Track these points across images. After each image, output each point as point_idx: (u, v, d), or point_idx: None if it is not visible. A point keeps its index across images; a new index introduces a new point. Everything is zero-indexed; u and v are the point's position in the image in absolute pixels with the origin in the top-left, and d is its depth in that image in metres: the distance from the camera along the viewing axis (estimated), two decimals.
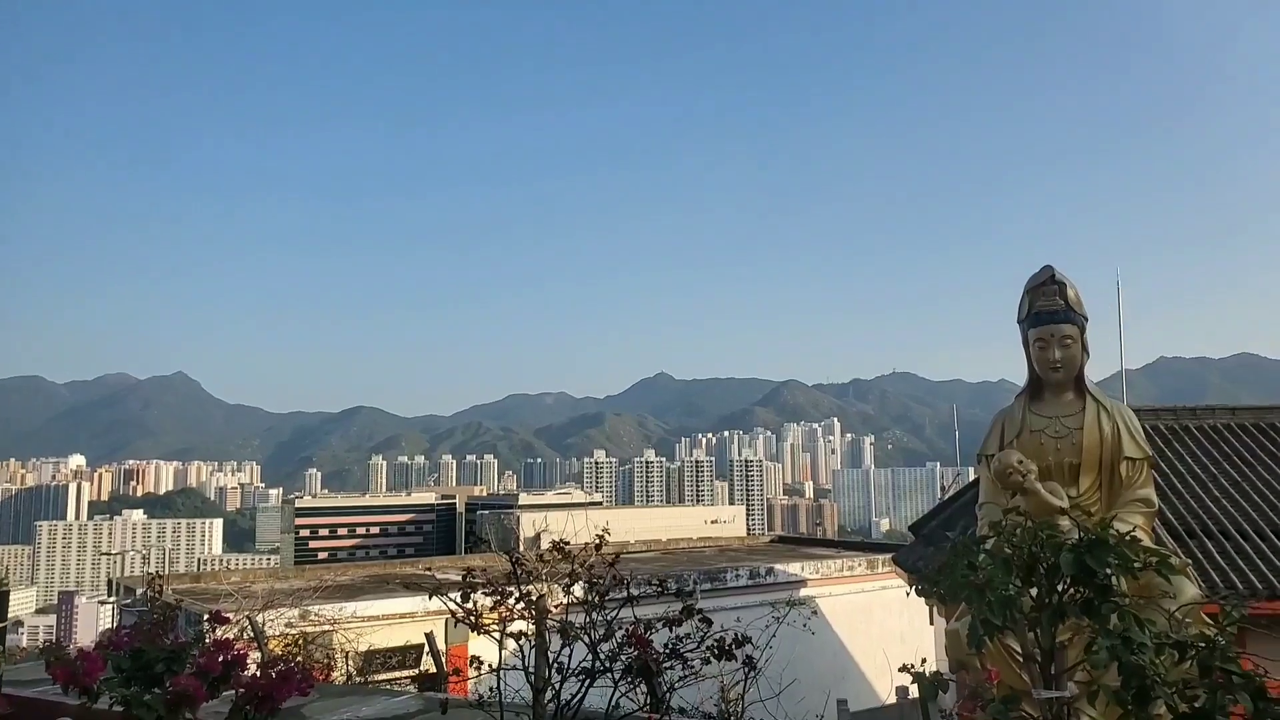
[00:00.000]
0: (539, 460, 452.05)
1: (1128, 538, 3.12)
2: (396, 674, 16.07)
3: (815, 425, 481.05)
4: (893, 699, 18.56)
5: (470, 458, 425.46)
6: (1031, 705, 3.16)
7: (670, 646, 3.89)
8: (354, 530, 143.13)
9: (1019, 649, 4.27)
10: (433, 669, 15.00)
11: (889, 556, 23.63)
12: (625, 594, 4.00)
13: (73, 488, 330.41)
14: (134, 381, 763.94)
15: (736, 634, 4.11)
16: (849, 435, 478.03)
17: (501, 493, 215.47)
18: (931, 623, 17.98)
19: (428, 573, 25.87)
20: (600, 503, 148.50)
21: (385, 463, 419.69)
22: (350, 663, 14.68)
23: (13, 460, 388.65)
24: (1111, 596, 2.97)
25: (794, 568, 26.67)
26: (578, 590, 4.08)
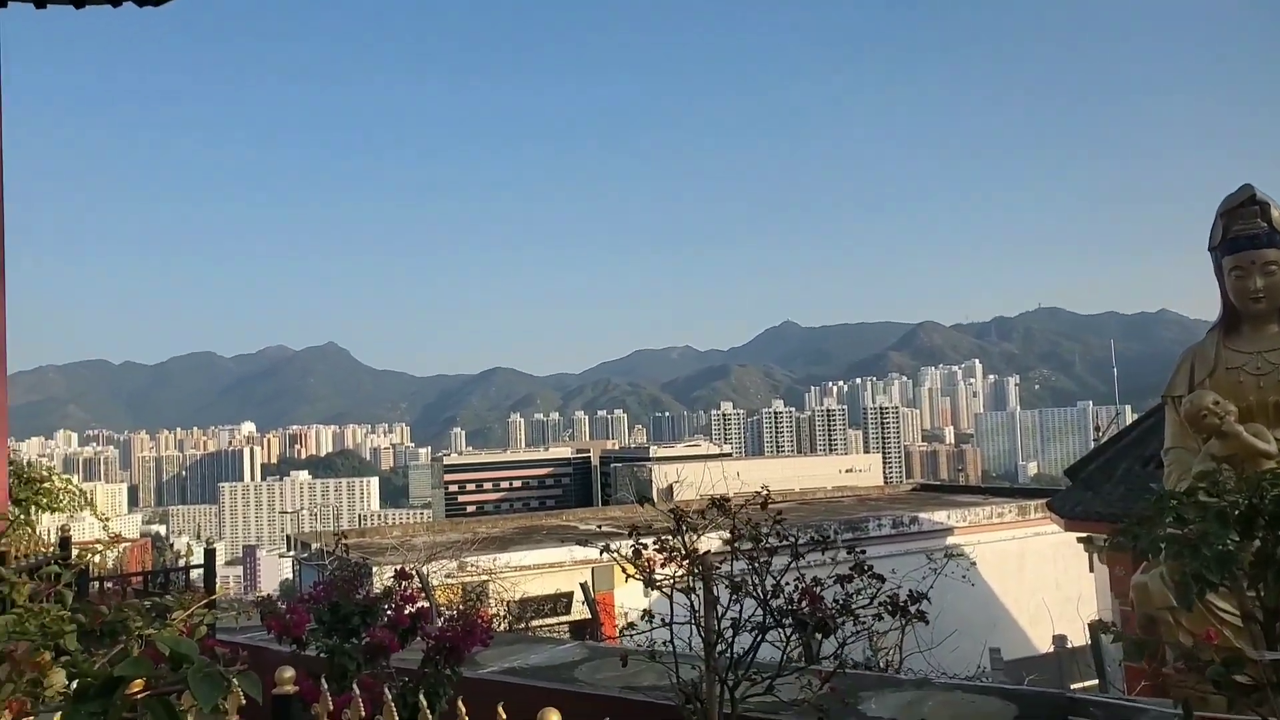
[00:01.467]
0: (667, 414, 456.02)
1: None
2: (551, 620, 16.72)
3: (955, 367, 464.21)
4: (1049, 648, 17.93)
5: (601, 413, 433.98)
6: (1251, 667, 2.93)
7: (840, 602, 3.84)
8: (498, 485, 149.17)
9: (1224, 607, 4.00)
10: (586, 616, 15.53)
11: (1042, 502, 22.72)
12: (791, 548, 3.96)
13: (246, 452, 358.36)
14: (291, 353, 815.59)
15: (911, 590, 4.01)
16: (991, 376, 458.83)
17: (633, 446, 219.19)
18: (1091, 570, 17.17)
19: (583, 526, 26.66)
20: (730, 454, 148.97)
21: (523, 420, 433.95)
22: (509, 611, 15.37)
23: (195, 429, 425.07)
24: None
25: (939, 516, 26.07)
26: (740, 543, 4.07)
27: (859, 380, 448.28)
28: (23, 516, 11.18)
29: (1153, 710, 4.96)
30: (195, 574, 7.92)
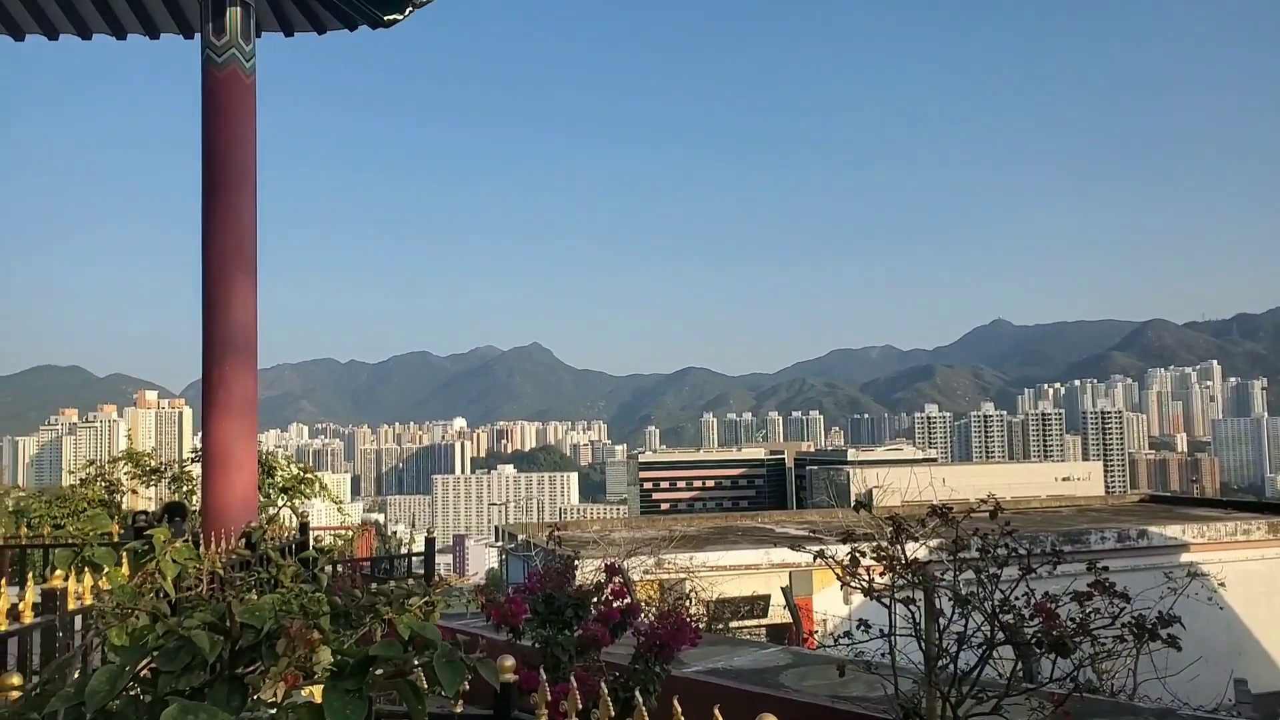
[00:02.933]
0: (865, 416, 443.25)
1: None
2: (750, 623, 16.67)
3: (1188, 369, 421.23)
4: None
5: (795, 414, 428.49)
6: None
7: (1077, 621, 3.57)
8: (691, 483, 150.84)
9: None
10: (785, 620, 15.37)
11: None
12: (1024, 560, 3.73)
13: (458, 446, 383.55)
14: (499, 353, 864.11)
15: (1160, 612, 3.67)
16: (1232, 379, 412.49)
17: (829, 449, 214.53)
18: None
19: (768, 527, 26.49)
20: (934, 459, 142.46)
21: (715, 420, 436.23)
22: (707, 611, 15.48)
23: (412, 424, 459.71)
24: None
25: (1171, 530, 23.86)
26: (967, 555, 3.88)
27: (1077, 383, 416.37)
28: (287, 503, 12.48)
29: None
30: (416, 561, 8.45)
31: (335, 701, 1.85)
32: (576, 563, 5.68)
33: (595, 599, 4.77)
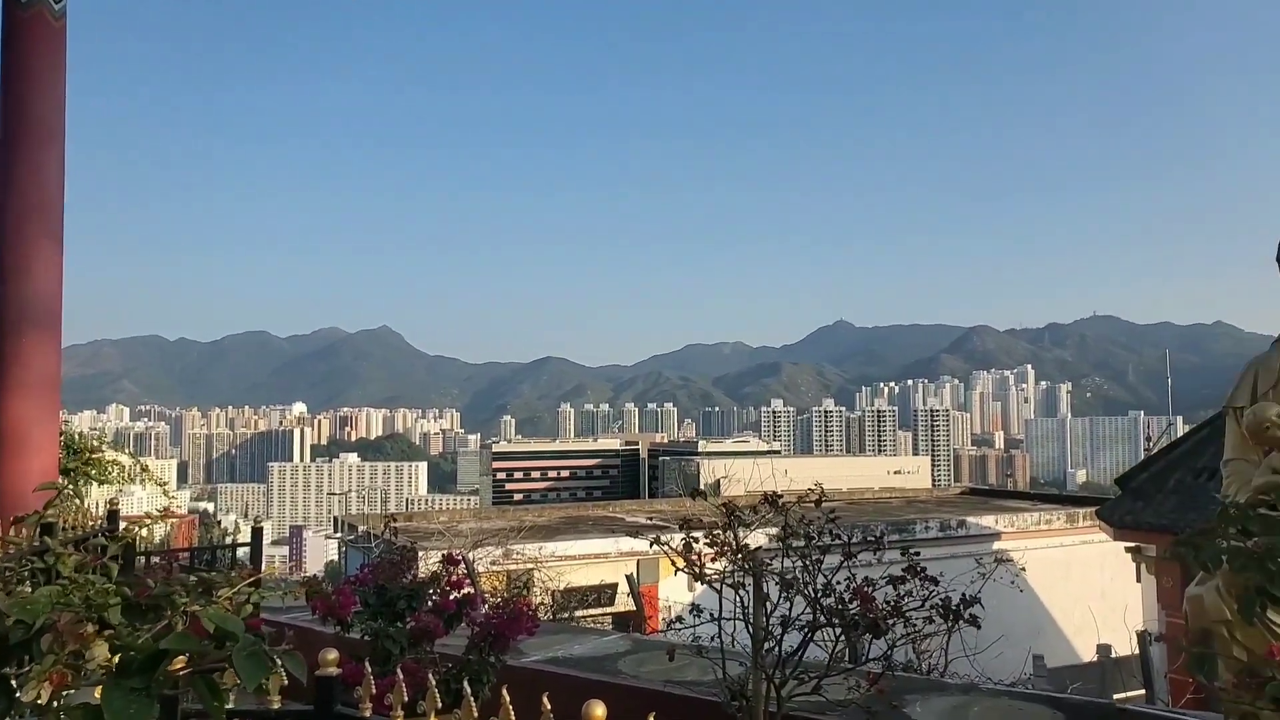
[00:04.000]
0: (716, 409, 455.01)
1: None
2: (594, 611, 16.81)
3: (1007, 373, 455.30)
4: (1093, 656, 17.58)
5: (651, 406, 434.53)
6: None
7: (891, 603, 3.80)
8: (545, 474, 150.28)
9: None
10: (629, 608, 15.58)
11: (1090, 510, 22.35)
12: (844, 548, 3.93)
13: (297, 433, 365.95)
14: (345, 335, 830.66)
15: (964, 594, 3.95)
16: (1044, 383, 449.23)
17: (681, 440, 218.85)
18: (1139, 580, 16.79)
19: (620, 516, 26.77)
20: (778, 451, 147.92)
21: (573, 410, 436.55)
22: (553, 600, 15.49)
23: (246, 408, 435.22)
24: None
25: (987, 520, 25.75)
26: (793, 541, 4.04)
27: (910, 382, 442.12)
28: (70, 488, 11.49)
29: None
30: (242, 552, 8.02)
31: (117, 701, 1.69)
32: (419, 553, 5.56)
33: (431, 590, 4.67)
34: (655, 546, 4.13)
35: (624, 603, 16.50)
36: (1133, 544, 15.90)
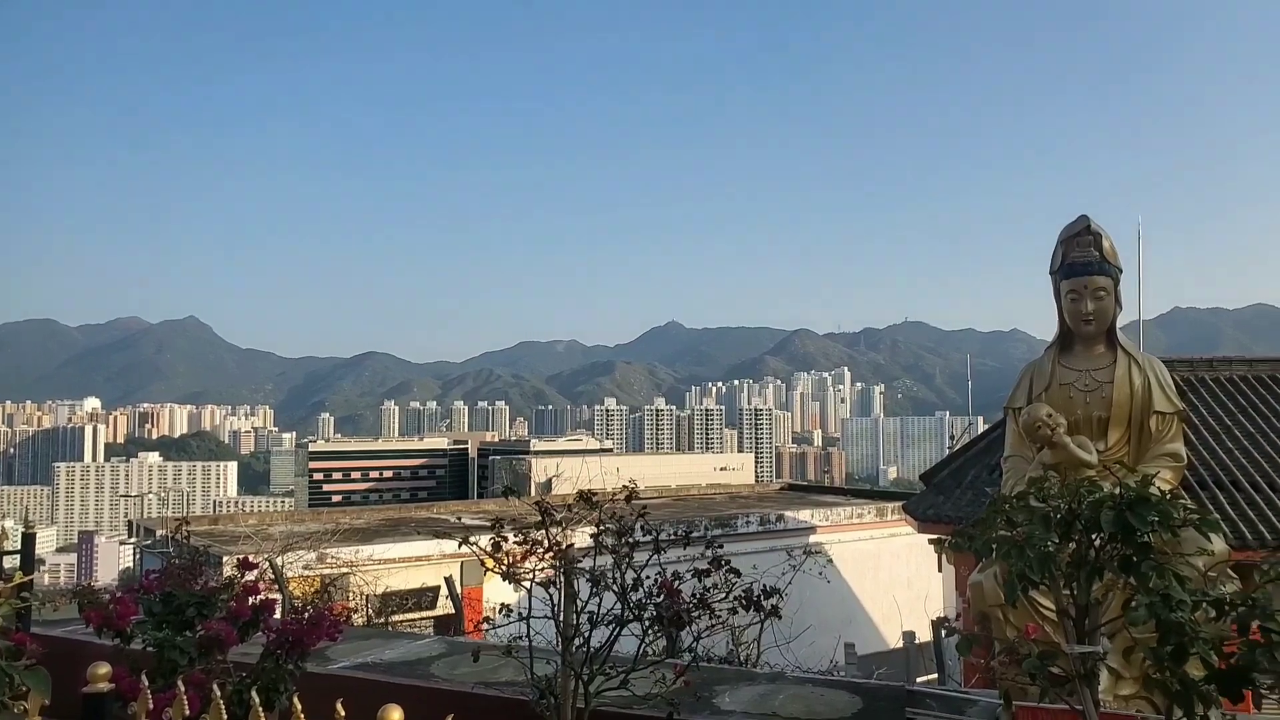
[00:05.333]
0: (549, 407, 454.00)
1: (1170, 495, 3.08)
2: (414, 615, 16.33)
3: (825, 374, 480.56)
4: (900, 643, 18.83)
5: (481, 404, 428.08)
6: (1062, 659, 3.15)
7: (698, 596, 3.89)
8: (367, 474, 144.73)
9: (1046, 604, 4.28)
10: (451, 611, 15.23)
11: (898, 505, 23.80)
12: (653, 543, 3.99)
13: (88, 430, 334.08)
14: (146, 325, 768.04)
15: (764, 585, 4.11)
16: (859, 384, 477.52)
17: (513, 439, 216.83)
18: (940, 570, 18.12)
19: (444, 517, 26.15)
20: (611, 450, 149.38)
21: (397, 408, 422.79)
22: (369, 605, 14.93)
23: (29, 403, 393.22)
24: (1151, 554, 2.94)
25: (804, 515, 26.89)
26: (605, 537, 4.07)
27: (737, 382, 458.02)
28: None
29: (983, 701, 5.27)
30: (11, 561, 7.22)
31: None
32: (217, 558, 5.20)
33: (225, 596, 4.38)
34: (464, 546, 4.05)
35: (446, 606, 16.14)
36: (934, 536, 17.16)
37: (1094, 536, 3.05)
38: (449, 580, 12.60)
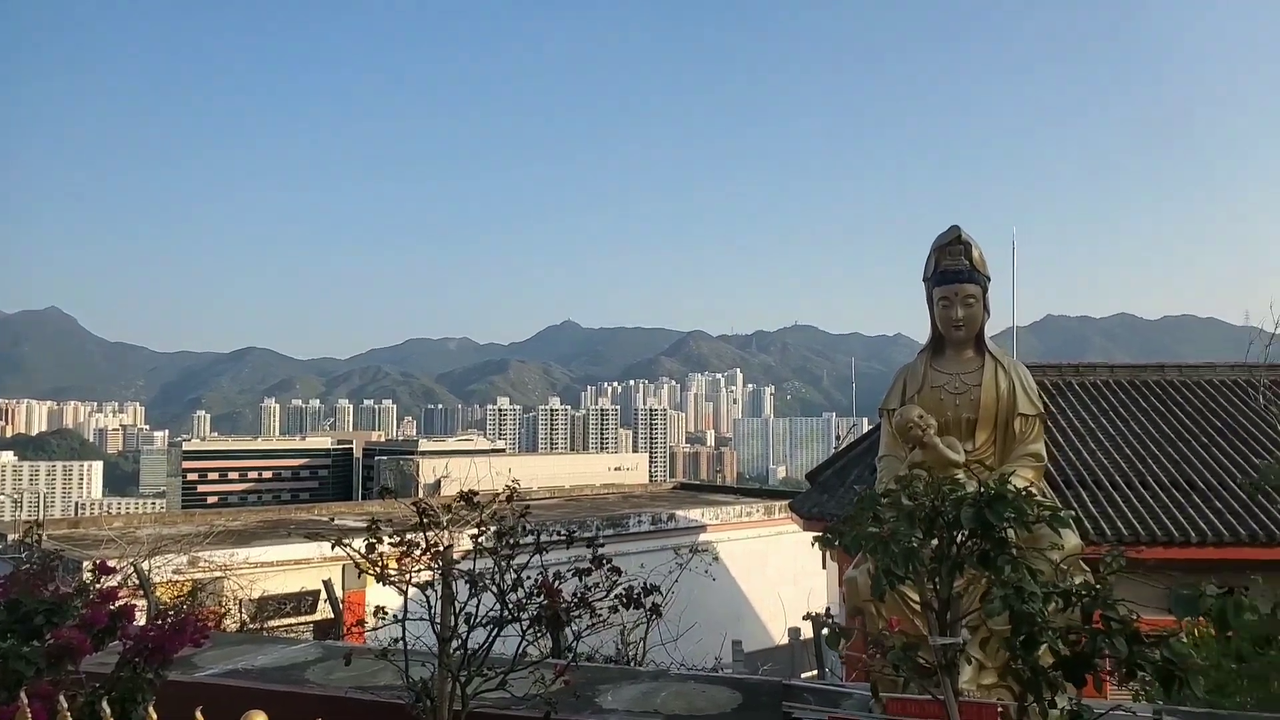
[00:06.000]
0: (440, 406, 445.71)
1: (1024, 492, 3.26)
2: (292, 620, 15.78)
3: (719, 375, 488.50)
4: (785, 640, 19.30)
5: (368, 403, 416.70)
6: (927, 650, 3.29)
7: (579, 595, 3.89)
8: (245, 475, 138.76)
9: (915, 598, 4.46)
10: (331, 615, 14.76)
11: (785, 503, 24.39)
12: (534, 543, 3.97)
13: None
14: (2, 316, 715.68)
15: (645, 583, 4.14)
16: (750, 386, 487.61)
17: (400, 439, 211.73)
18: (824, 567, 18.68)
19: (325, 519, 25.34)
20: (503, 450, 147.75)
21: (278, 406, 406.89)
22: (243, 610, 14.32)
23: None
24: (1007, 549, 3.10)
25: (695, 514, 27.27)
26: (485, 539, 4.02)
27: (632, 382, 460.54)
28: None
29: (857, 694, 5.46)
30: None
31: None
32: (75, 562, 4.88)
33: (78, 603, 4.12)
34: (336, 548, 3.93)
35: (327, 610, 15.66)
36: (818, 533, 17.67)
37: (956, 533, 3.20)
38: (328, 583, 12.23)
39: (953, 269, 5.41)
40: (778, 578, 24.78)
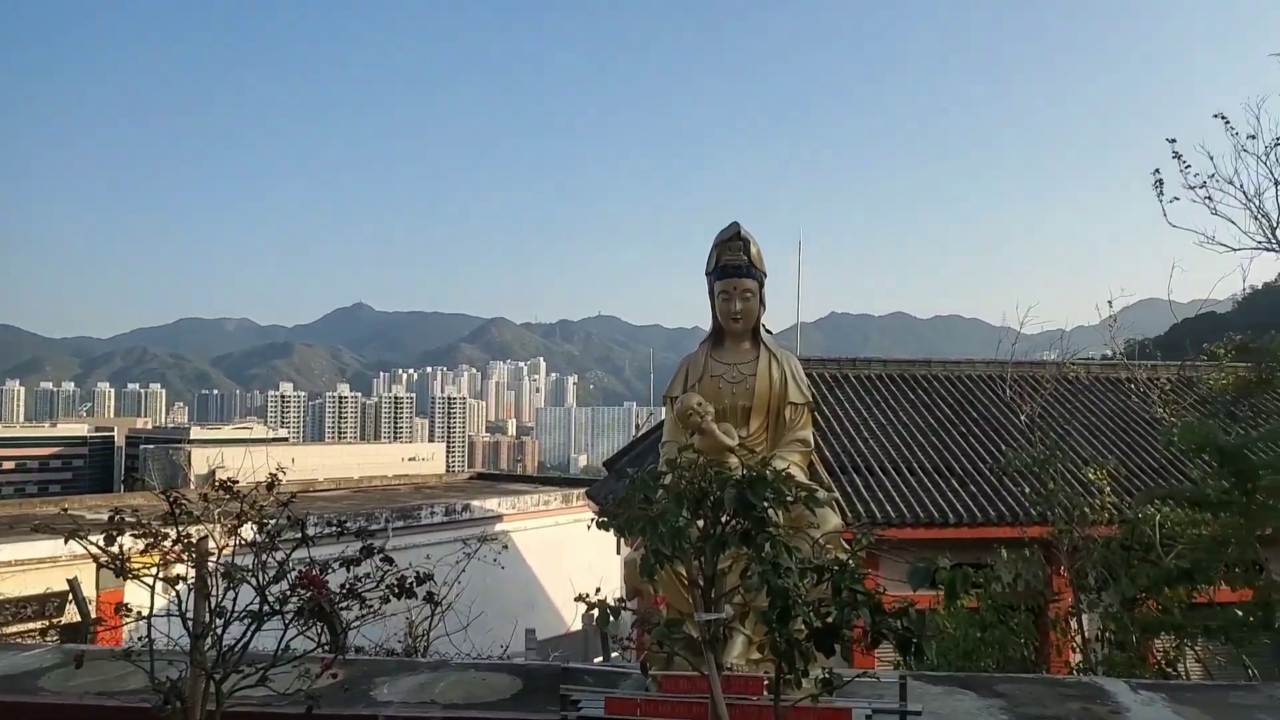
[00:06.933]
0: (215, 392, 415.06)
1: (783, 474, 3.47)
2: (31, 625, 14.20)
3: (521, 364, 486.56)
4: (579, 626, 19.57)
5: (133, 386, 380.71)
6: (694, 627, 3.44)
7: (347, 586, 3.74)
8: None
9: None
10: (78, 618, 13.41)
11: (583, 491, 24.66)
12: (300, 534, 3.77)
13: None
14: None
15: (418, 571, 4.04)
16: (554, 375, 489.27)
17: (170, 426, 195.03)
18: (619, 552, 19.10)
19: (65, 512, 22.91)
20: (286, 439, 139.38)
21: (24, 389, 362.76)
22: None
23: None
24: (766, 527, 3.30)
25: (491, 503, 27.02)
26: (248, 531, 3.78)
27: (430, 370, 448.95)
28: None
29: (635, 674, 5.62)
30: None
31: None
32: None
33: None
34: (69, 543, 3.57)
35: (75, 612, 14.20)
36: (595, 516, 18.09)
37: (721, 513, 3.37)
38: (73, 583, 11.09)
39: (732, 264, 5.67)
40: (574, 565, 25.04)
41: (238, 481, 3.76)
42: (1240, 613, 7.97)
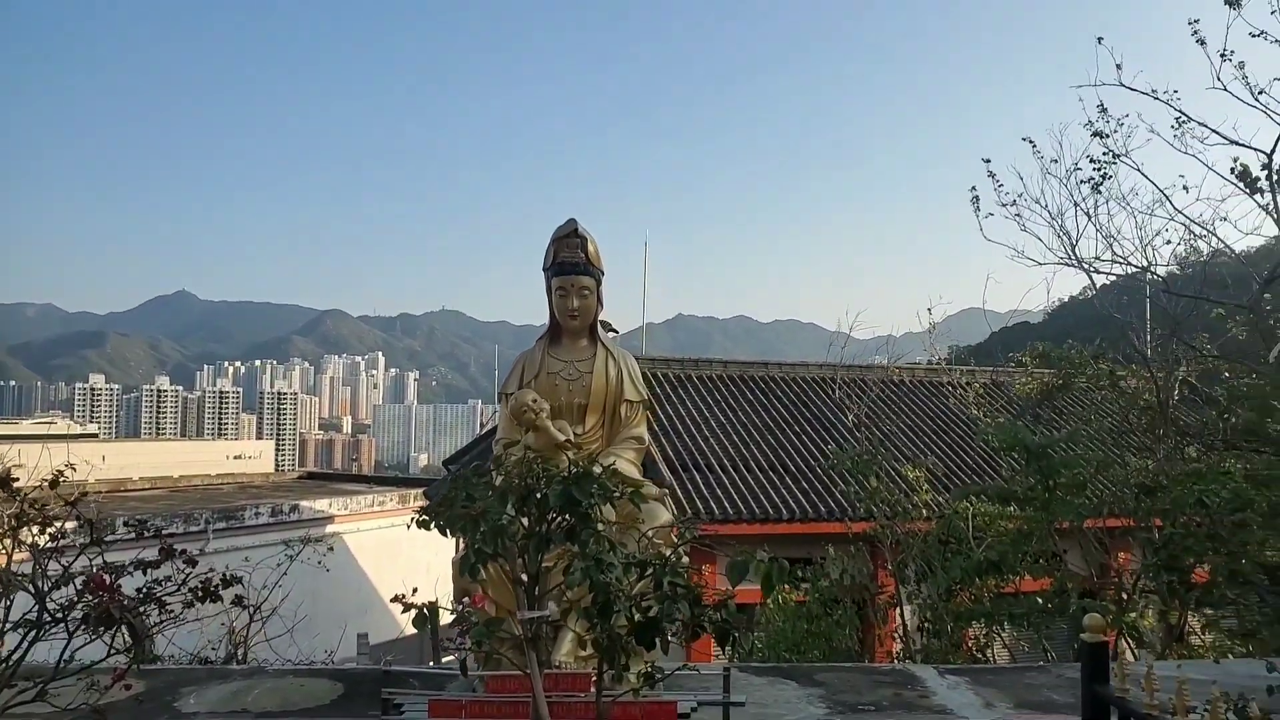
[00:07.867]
0: (12, 383, 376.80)
1: (610, 470, 3.50)
2: None
3: (359, 358, 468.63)
4: (413, 630, 19.04)
5: None
6: (517, 625, 3.40)
7: (144, 590, 3.47)
8: None
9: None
10: None
11: (422, 490, 24.02)
12: (90, 537, 3.47)
13: None
14: None
15: (224, 573, 3.81)
16: (393, 370, 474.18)
17: None
18: (457, 552, 18.77)
19: None
20: (96, 435, 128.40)
21: None
22: None
23: None
24: (591, 524, 3.31)
25: (321, 504, 25.91)
26: (28, 535, 3.44)
27: (259, 363, 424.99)
28: None
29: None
30: None
31: None
32: None
33: None
34: None
35: None
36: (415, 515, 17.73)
37: (548, 510, 3.35)
38: None
39: (570, 261, 5.68)
40: (411, 567, 24.37)
41: (17, 479, 3.42)
42: (1040, 600, 8.76)
